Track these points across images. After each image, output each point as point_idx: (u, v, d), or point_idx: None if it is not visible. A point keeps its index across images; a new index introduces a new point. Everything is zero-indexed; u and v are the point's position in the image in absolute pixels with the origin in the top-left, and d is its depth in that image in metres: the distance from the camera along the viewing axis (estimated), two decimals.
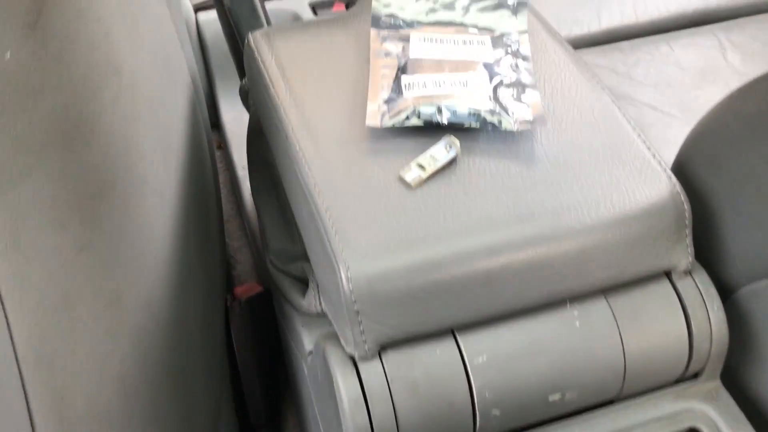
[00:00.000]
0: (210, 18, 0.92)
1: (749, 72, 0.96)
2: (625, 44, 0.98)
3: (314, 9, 0.95)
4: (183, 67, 0.59)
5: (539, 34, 0.57)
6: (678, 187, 0.46)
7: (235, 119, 0.92)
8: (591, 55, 0.97)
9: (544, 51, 0.55)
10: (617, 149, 0.48)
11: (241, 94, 0.66)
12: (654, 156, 0.48)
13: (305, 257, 0.60)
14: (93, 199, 0.45)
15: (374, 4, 0.57)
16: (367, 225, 0.44)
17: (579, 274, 0.45)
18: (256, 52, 0.57)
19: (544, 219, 0.44)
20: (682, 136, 0.90)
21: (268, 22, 0.67)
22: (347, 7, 0.96)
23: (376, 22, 0.56)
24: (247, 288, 0.69)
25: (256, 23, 0.66)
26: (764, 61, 0.96)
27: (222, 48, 0.92)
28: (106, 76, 0.44)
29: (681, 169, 0.51)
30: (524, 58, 0.53)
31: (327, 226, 0.44)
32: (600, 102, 0.51)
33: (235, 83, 0.96)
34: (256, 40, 0.58)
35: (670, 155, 0.87)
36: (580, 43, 0.98)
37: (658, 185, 0.46)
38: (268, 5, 0.94)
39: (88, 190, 0.44)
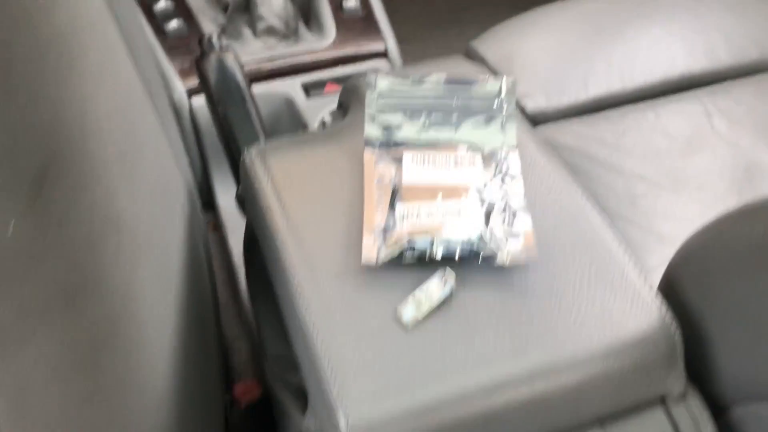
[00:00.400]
0: (203, 103, 0.93)
1: (736, 138, 0.97)
2: (612, 113, 0.99)
3: (306, 90, 0.96)
4: (177, 178, 0.60)
5: (528, 147, 0.58)
6: (669, 316, 0.47)
7: (231, 202, 0.93)
8: (579, 125, 0.98)
9: (533, 166, 0.57)
10: (609, 277, 0.49)
11: (237, 200, 0.67)
12: (645, 282, 0.49)
13: None
14: (95, 351, 0.45)
15: (367, 125, 0.58)
16: (365, 370, 0.44)
17: (576, 406, 0.46)
18: (252, 172, 0.58)
19: (540, 354, 0.45)
20: (672, 207, 0.91)
21: (264, 130, 0.68)
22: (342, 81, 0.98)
23: (369, 141, 0.57)
24: (246, 388, 0.70)
25: (251, 133, 0.67)
26: (750, 126, 0.97)
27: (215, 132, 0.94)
28: (107, 234, 0.44)
29: (671, 286, 0.52)
30: (514, 178, 0.55)
31: (326, 372, 0.45)
32: (591, 224, 0.52)
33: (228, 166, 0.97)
34: (252, 158, 0.59)
35: (661, 228, 0.89)
36: (568, 113, 1.00)
37: (650, 315, 0.47)
38: (259, 87, 0.96)
39: (91, 344, 0.45)
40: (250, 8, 1.03)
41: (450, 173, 0.54)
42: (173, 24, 0.98)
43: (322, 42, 1.00)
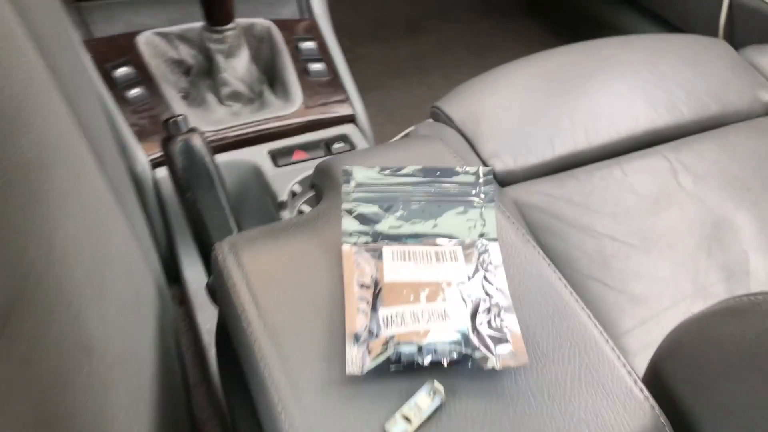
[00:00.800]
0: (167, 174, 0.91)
1: (702, 194, 0.99)
2: (579, 171, 1.00)
3: (274, 158, 0.94)
4: (146, 276, 0.57)
5: (508, 237, 0.58)
6: (663, 419, 0.46)
7: (197, 275, 0.91)
8: (547, 185, 0.98)
9: (514, 255, 0.56)
10: (599, 378, 0.48)
11: (207, 290, 0.65)
12: (636, 383, 0.48)
13: None
14: None
15: (344, 219, 0.56)
16: None
17: None
18: (224, 267, 0.56)
19: None
20: (643, 266, 0.91)
21: (239, 226, 0.66)
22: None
23: (347, 235, 0.56)
24: None
25: (222, 221, 0.65)
26: (715, 181, 0.99)
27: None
28: (76, 362, 0.42)
29: (659, 379, 0.52)
30: (497, 267, 0.54)
31: None
32: (578, 321, 0.51)
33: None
34: (224, 253, 0.57)
35: (634, 289, 0.89)
36: (536, 173, 1.00)
37: (643, 418, 0.46)
38: (225, 156, 0.94)
39: None
40: (212, 73, 1.01)
41: (432, 269, 0.53)
42: (135, 91, 0.96)
43: (289, 107, 0.98)
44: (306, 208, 0.92)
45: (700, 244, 0.94)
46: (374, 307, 0.51)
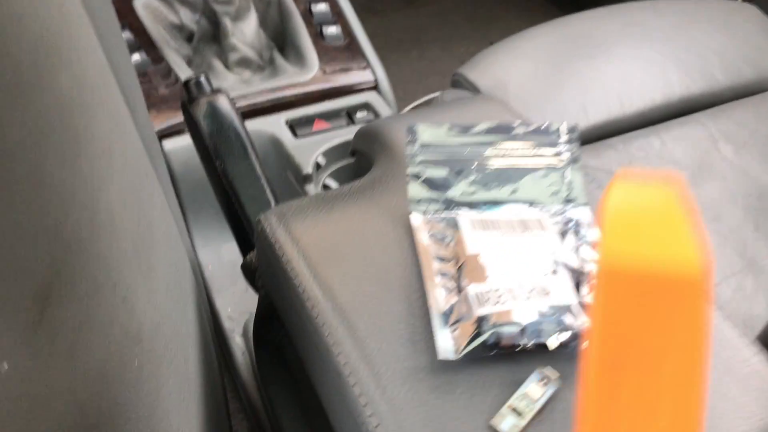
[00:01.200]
0: (177, 146, 0.82)
1: (744, 164, 0.93)
2: (616, 141, 0.94)
3: (292, 128, 0.86)
4: (185, 258, 0.49)
5: (597, 200, 0.51)
6: None
7: (211, 256, 0.83)
8: (585, 155, 0.92)
9: None
10: (723, 358, 0.42)
11: (243, 271, 0.57)
12: (760, 361, 0.42)
13: None
14: None
15: (411, 184, 0.49)
16: None
17: None
18: (273, 241, 0.48)
19: None
20: None
21: (276, 200, 0.58)
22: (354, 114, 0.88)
23: (415, 203, 0.49)
24: None
25: (258, 192, 0.58)
26: (756, 150, 0.94)
27: (192, 179, 0.83)
28: (127, 351, 0.34)
29: None
30: (592, 239, 0.47)
31: None
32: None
33: (208, 216, 0.86)
34: (272, 224, 0.49)
35: None
36: None
37: None
38: None
39: None
40: (219, 38, 0.93)
41: (519, 240, 0.46)
42: (135, 57, 0.87)
43: (305, 74, 0.90)
44: (331, 182, 0.84)
45: (746, 216, 0.89)
46: (459, 284, 0.44)
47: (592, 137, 0.95)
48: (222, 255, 0.82)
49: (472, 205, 0.49)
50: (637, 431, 0.16)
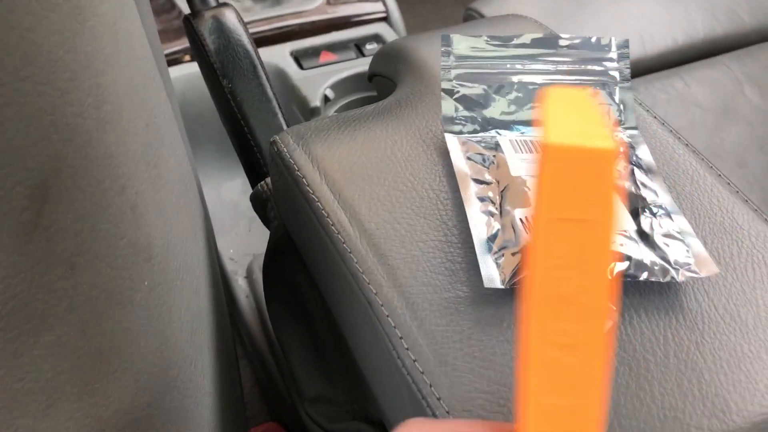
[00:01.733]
0: (174, 76, 0.76)
1: None
2: (637, 82, 0.89)
3: (297, 60, 0.80)
4: (193, 181, 0.45)
5: (646, 124, 0.46)
6: None
7: (212, 196, 0.78)
8: None
9: (662, 152, 0.45)
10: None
11: (254, 202, 0.52)
12: None
13: (358, 414, 0.47)
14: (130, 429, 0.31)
15: (445, 101, 0.44)
16: None
17: None
18: (292, 163, 0.43)
19: (743, 410, 0.34)
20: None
21: (285, 120, 0.53)
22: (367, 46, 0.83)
23: (449, 123, 0.44)
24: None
25: (268, 114, 0.52)
26: None
27: (191, 112, 0.77)
28: (137, 268, 0.29)
29: None
30: (646, 164, 0.42)
31: None
32: (755, 227, 0.41)
33: (208, 153, 0.81)
34: (290, 145, 0.44)
35: None
36: None
37: None
38: None
39: (123, 423, 0.30)
40: None
41: None
42: None
43: (309, 2, 0.84)
44: (332, 96, 0.79)
45: None
46: (503, 208, 0.39)
47: None
48: (222, 195, 0.77)
49: (512, 126, 0.44)
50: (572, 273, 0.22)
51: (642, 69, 0.91)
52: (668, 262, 0.37)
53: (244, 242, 0.72)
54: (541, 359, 0.22)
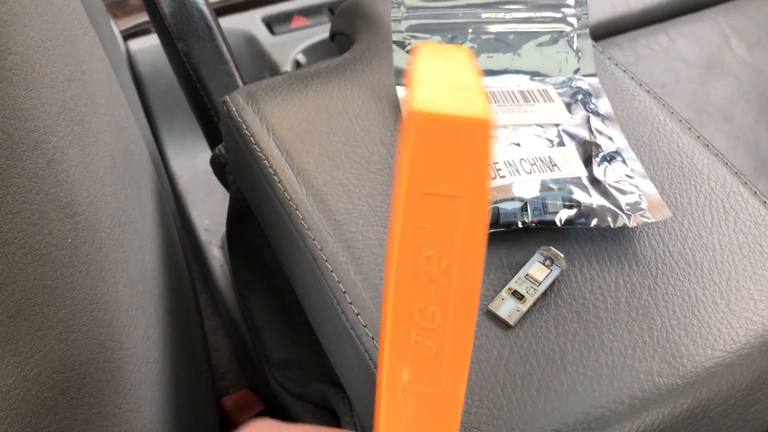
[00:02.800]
0: (144, 47, 0.75)
1: (758, 62, 0.87)
2: (621, 39, 0.87)
3: (269, 25, 0.79)
4: (139, 139, 0.44)
5: (608, 72, 0.45)
6: None
7: (186, 167, 0.77)
8: None
9: (621, 98, 0.43)
10: (756, 240, 0.37)
11: (213, 166, 0.51)
12: None
13: (324, 377, 0.46)
14: (65, 387, 0.30)
15: (396, 54, 0.43)
16: None
17: (742, 419, 0.33)
18: (241, 123, 0.42)
19: (694, 354, 0.33)
20: None
21: (243, 82, 0.52)
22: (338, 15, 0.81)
23: (401, 76, 0.43)
24: (239, 402, 0.55)
25: (225, 76, 0.51)
26: None
27: (162, 82, 0.76)
28: (57, 224, 0.29)
29: None
30: (603, 111, 0.41)
31: None
32: (718, 174, 0.39)
33: (181, 123, 0.80)
34: (239, 104, 0.43)
35: None
36: None
37: None
38: None
39: (57, 379, 0.30)
40: None
41: (520, 111, 0.40)
42: None
43: None
44: (304, 61, 0.78)
45: (759, 116, 0.83)
46: None
47: (595, 36, 0.88)
48: (197, 165, 0.76)
49: None
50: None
51: (626, 25, 0.89)
52: (620, 208, 0.36)
53: (219, 212, 0.72)
54: (399, 343, 0.20)
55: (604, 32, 0.88)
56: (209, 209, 0.72)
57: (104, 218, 0.32)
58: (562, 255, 0.34)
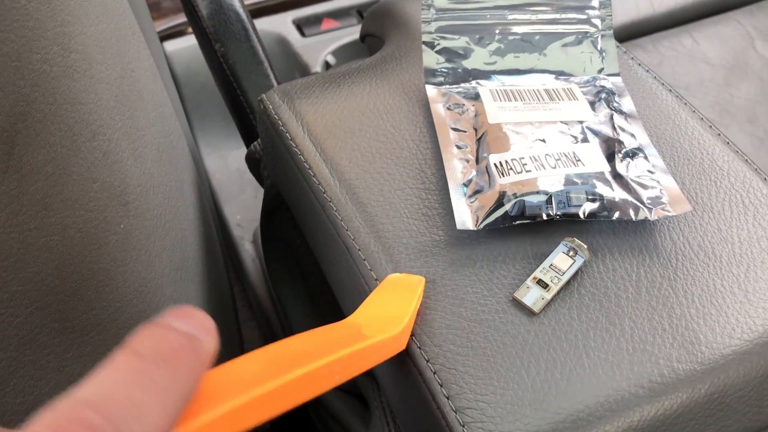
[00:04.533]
0: (179, 47, 0.78)
1: None
2: (645, 41, 0.88)
3: (300, 28, 0.81)
4: (180, 135, 0.46)
5: (631, 71, 0.46)
6: None
7: (219, 164, 0.79)
8: None
9: (645, 97, 0.45)
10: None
11: (248, 163, 0.53)
12: None
13: None
14: None
15: (426, 54, 0.45)
16: (485, 376, 0.32)
17: (758, 406, 0.35)
18: (276, 120, 0.44)
19: (712, 342, 0.34)
20: None
21: (277, 82, 0.54)
22: (361, 15, 0.83)
23: (430, 74, 0.45)
24: None
25: (260, 75, 0.53)
26: None
27: (196, 82, 0.79)
28: (111, 212, 0.31)
29: None
30: (626, 109, 0.43)
31: (432, 383, 0.32)
32: (738, 170, 0.41)
33: (214, 122, 0.82)
34: (276, 103, 0.45)
35: None
36: None
37: None
38: None
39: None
40: None
41: (546, 109, 0.41)
42: None
43: None
44: (333, 62, 0.80)
45: None
46: (479, 155, 0.40)
47: (620, 37, 0.89)
48: (229, 163, 0.79)
49: (492, 75, 0.44)
50: None
51: (650, 27, 0.89)
52: (641, 201, 0.37)
53: (251, 208, 0.74)
54: None
55: (628, 34, 0.89)
56: (241, 206, 0.75)
57: (152, 207, 0.35)
58: (585, 246, 0.36)
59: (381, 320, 0.31)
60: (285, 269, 0.54)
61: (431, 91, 0.44)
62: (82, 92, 0.29)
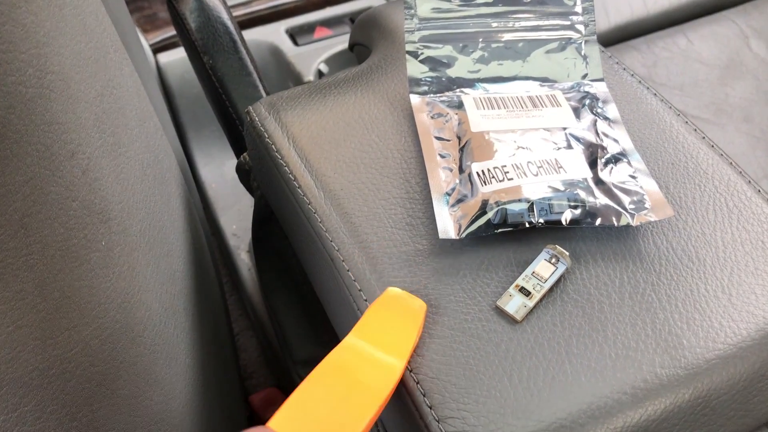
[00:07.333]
0: (172, 59, 0.79)
1: None
2: (639, 41, 0.88)
3: (293, 37, 0.82)
4: (167, 149, 0.46)
5: (616, 76, 0.46)
6: None
7: (214, 174, 0.80)
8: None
9: (628, 102, 0.45)
10: (758, 237, 0.38)
11: (239, 173, 0.54)
12: None
13: None
14: (93, 394, 0.33)
15: (409, 63, 0.45)
16: (469, 384, 0.33)
17: (744, 410, 0.35)
18: (263, 132, 0.45)
19: (695, 346, 0.34)
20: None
21: (266, 92, 0.54)
22: (355, 20, 0.83)
23: (415, 83, 0.45)
24: (267, 399, 0.57)
25: (249, 87, 0.54)
26: None
27: (190, 93, 0.79)
28: (92, 229, 0.31)
29: None
30: (610, 115, 0.43)
31: (415, 394, 0.33)
32: (722, 173, 0.40)
33: (209, 132, 0.83)
34: (262, 114, 0.46)
35: None
36: None
37: None
38: None
39: (87, 387, 0.32)
40: None
41: (529, 116, 0.42)
42: None
43: None
44: (326, 70, 0.80)
45: None
46: (462, 163, 0.40)
47: (613, 39, 0.89)
48: (225, 173, 0.79)
49: (476, 84, 0.44)
50: None
51: (644, 28, 0.89)
52: (624, 207, 0.37)
53: (246, 218, 0.74)
54: None
55: (622, 35, 0.89)
56: (237, 215, 0.75)
57: (135, 223, 0.35)
58: (567, 253, 0.36)
59: (385, 346, 0.33)
60: (277, 278, 0.54)
61: (415, 100, 0.44)
62: (59, 112, 0.30)
